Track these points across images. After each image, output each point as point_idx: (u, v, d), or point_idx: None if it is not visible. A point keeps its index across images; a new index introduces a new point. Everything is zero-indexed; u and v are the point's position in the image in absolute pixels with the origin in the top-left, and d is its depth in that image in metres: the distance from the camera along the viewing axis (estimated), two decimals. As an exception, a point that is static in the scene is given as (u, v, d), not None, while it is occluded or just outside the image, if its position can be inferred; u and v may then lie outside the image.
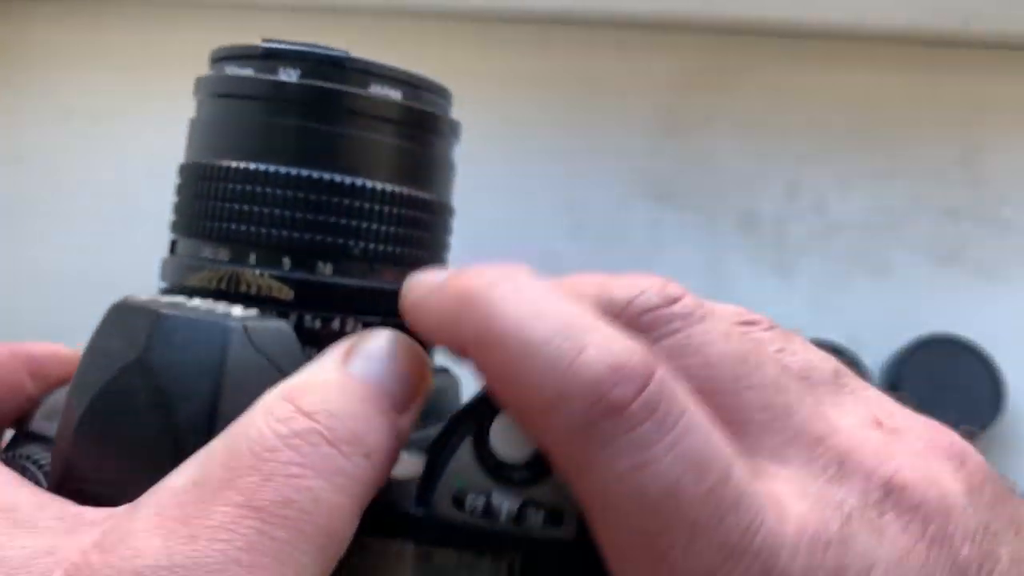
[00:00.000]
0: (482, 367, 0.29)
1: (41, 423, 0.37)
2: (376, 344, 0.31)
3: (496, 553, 0.32)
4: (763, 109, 0.72)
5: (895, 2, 0.72)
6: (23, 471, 0.33)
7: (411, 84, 0.38)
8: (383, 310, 0.36)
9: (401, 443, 0.30)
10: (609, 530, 0.27)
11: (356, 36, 0.42)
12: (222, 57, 0.38)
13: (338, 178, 0.35)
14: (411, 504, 0.32)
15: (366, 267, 0.36)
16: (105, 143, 0.76)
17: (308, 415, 0.27)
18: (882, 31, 0.74)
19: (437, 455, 0.32)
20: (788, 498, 0.26)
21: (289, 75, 0.36)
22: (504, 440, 0.32)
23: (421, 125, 0.38)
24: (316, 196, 0.35)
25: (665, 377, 0.27)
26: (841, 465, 0.27)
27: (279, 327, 0.33)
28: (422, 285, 0.33)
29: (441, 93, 0.40)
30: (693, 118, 0.74)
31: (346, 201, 0.35)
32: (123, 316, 0.32)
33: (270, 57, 0.36)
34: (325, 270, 0.35)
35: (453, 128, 0.41)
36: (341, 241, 0.35)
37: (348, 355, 0.30)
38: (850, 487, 0.27)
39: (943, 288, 0.71)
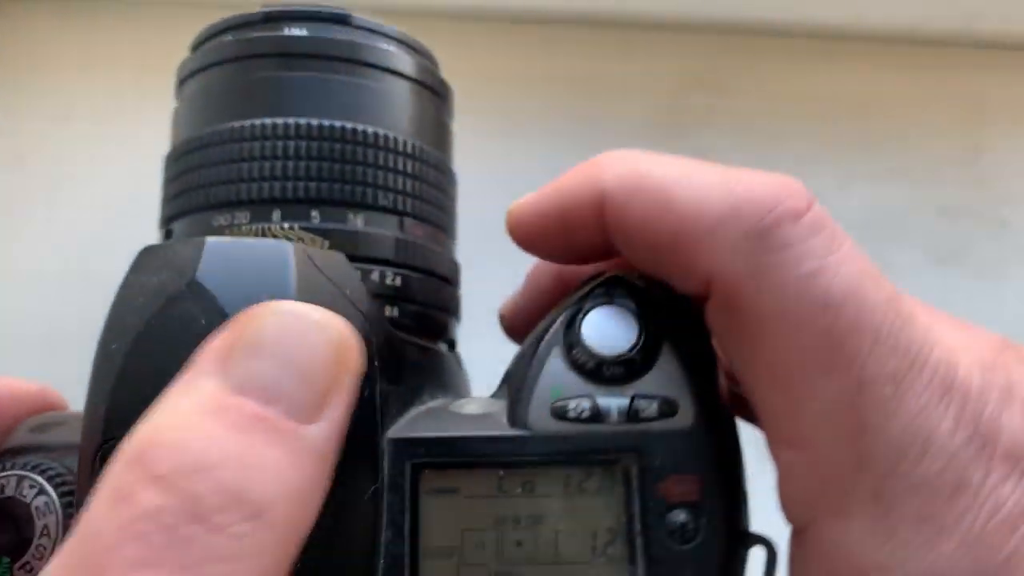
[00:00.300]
0: (629, 208, 0.29)
1: (27, 435, 0.34)
2: (264, 332, 0.23)
3: (608, 462, 0.31)
4: (763, 109, 0.72)
5: (895, 2, 0.72)
6: (19, 482, 0.30)
7: (414, 47, 0.38)
8: (420, 266, 0.35)
9: (325, 459, 0.24)
10: (789, 339, 0.27)
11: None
12: (211, 35, 0.37)
13: (361, 127, 0.35)
14: (502, 429, 0.31)
15: (396, 221, 0.35)
16: (105, 143, 0.76)
17: (159, 482, 0.20)
18: (882, 31, 0.75)
19: (523, 373, 0.31)
20: (943, 328, 0.28)
21: (298, 30, 0.35)
22: (600, 334, 0.31)
23: (432, 87, 0.38)
24: (341, 146, 0.34)
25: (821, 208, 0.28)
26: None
27: (333, 252, 0.31)
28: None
29: (434, 60, 0.39)
30: (693, 118, 0.74)
31: (371, 152, 0.35)
32: (160, 252, 0.29)
33: (272, 20, 0.35)
34: (357, 221, 0.34)
35: (452, 96, 0.40)
36: (371, 192, 0.34)
37: (226, 357, 0.23)
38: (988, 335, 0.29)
39: (943, 287, 0.72)
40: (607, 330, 0.32)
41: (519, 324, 0.38)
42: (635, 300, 0.32)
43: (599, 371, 0.31)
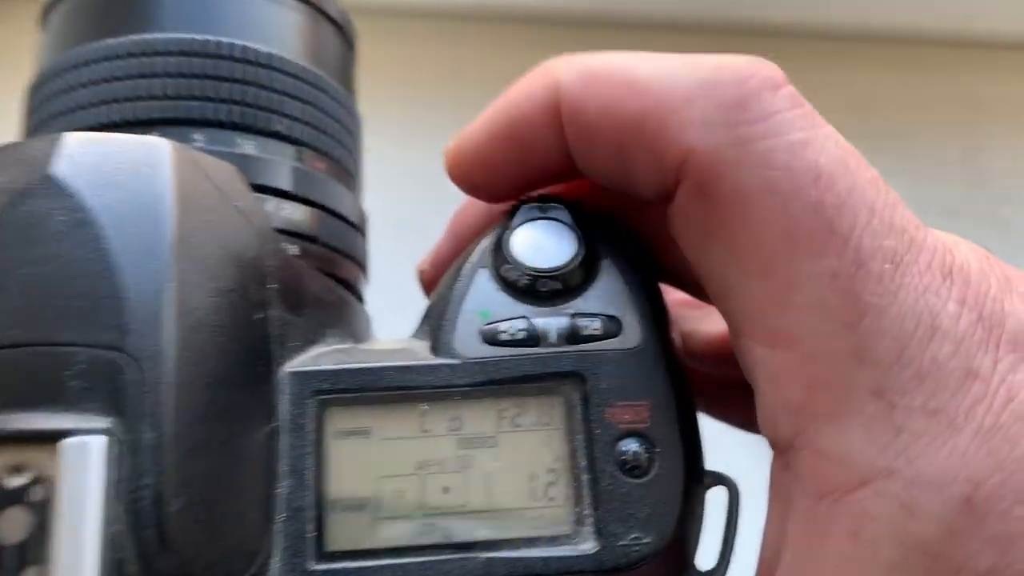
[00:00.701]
0: (590, 98, 0.26)
1: None
2: None
3: (547, 389, 0.26)
4: None
5: (895, 2, 0.72)
6: None
7: None
8: (322, 203, 0.31)
9: None
10: (775, 216, 0.24)
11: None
12: None
13: (253, 45, 0.31)
14: (424, 360, 0.27)
15: (293, 152, 0.31)
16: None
17: None
18: (882, 31, 0.75)
19: (446, 299, 0.27)
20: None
21: None
22: (534, 248, 0.27)
23: (335, 20, 0.34)
24: (229, 64, 0.30)
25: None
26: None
27: (225, 164, 0.27)
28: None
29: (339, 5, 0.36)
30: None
31: (264, 73, 0.31)
32: (12, 149, 0.25)
33: None
34: (247, 146, 0.30)
35: (356, 42, 0.37)
36: (263, 116, 0.30)
37: None
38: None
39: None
40: (541, 244, 0.28)
41: (440, 275, 0.34)
42: (572, 213, 0.28)
43: (534, 288, 0.27)
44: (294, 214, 0.30)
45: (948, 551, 0.22)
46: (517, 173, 0.29)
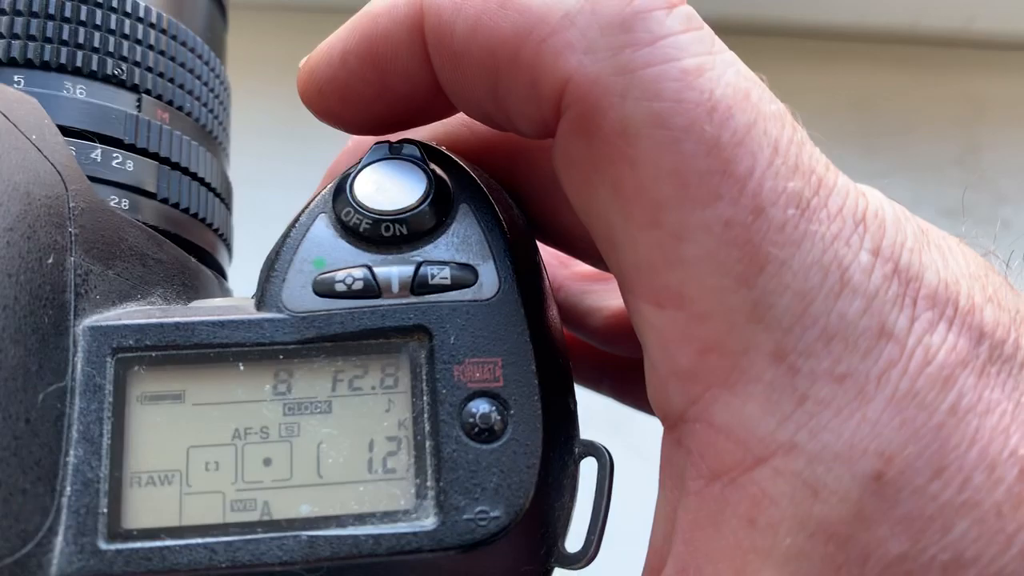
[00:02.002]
0: (457, 18, 0.23)
1: None
2: None
3: (388, 347, 0.23)
4: None
5: (895, 2, 0.71)
6: None
7: None
8: (163, 155, 0.28)
9: None
10: (664, 154, 0.20)
11: None
12: None
13: None
14: (246, 314, 0.23)
15: (132, 99, 0.28)
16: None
17: None
18: (882, 31, 0.74)
19: (278, 249, 0.24)
20: None
21: None
22: (377, 188, 0.24)
23: None
24: (61, 2, 0.27)
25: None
26: None
27: (26, 96, 0.24)
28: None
29: None
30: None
31: (98, 12, 0.28)
32: None
33: None
34: (75, 90, 0.27)
35: (227, 6, 0.34)
36: (95, 58, 0.27)
37: None
38: None
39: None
40: (388, 184, 0.25)
41: None
42: (425, 152, 0.25)
43: (376, 232, 0.24)
44: (126, 164, 0.27)
45: (855, 536, 0.19)
46: (379, 102, 0.25)
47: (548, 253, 0.30)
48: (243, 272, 0.30)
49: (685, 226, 0.20)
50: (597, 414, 0.32)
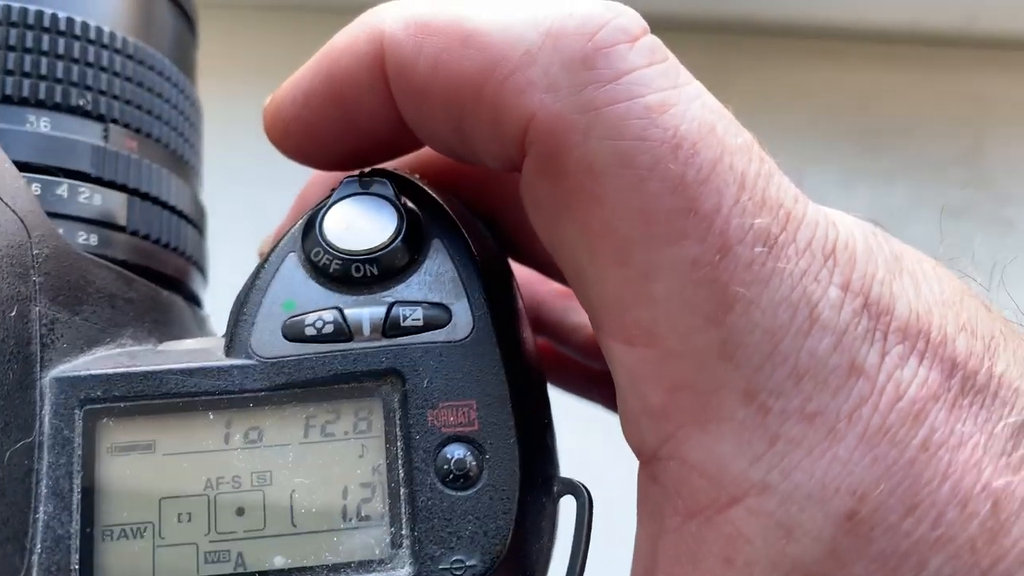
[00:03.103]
0: (419, 56, 0.22)
1: None
2: None
3: (360, 392, 0.23)
4: (764, 108, 0.69)
5: (897, 2, 0.71)
6: None
7: None
8: (132, 186, 0.27)
9: None
10: (629, 194, 0.20)
11: None
12: None
13: (49, 11, 0.27)
14: (215, 361, 0.23)
15: (98, 129, 0.27)
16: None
17: None
18: (884, 30, 0.73)
19: (247, 290, 0.24)
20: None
21: None
22: (348, 227, 0.24)
23: None
24: (20, 31, 0.26)
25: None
26: None
27: None
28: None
29: None
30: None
31: (61, 41, 0.27)
32: None
33: None
34: (40, 124, 0.26)
35: (196, 19, 0.33)
36: (59, 89, 0.27)
37: None
38: None
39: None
40: (358, 222, 0.24)
41: None
42: (396, 186, 0.25)
43: (346, 273, 0.23)
44: (93, 199, 0.26)
45: (830, 575, 0.19)
46: (345, 139, 0.25)
47: (528, 269, 0.30)
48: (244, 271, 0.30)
49: (653, 265, 0.20)
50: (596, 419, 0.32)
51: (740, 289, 0.20)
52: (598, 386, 0.35)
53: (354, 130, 0.25)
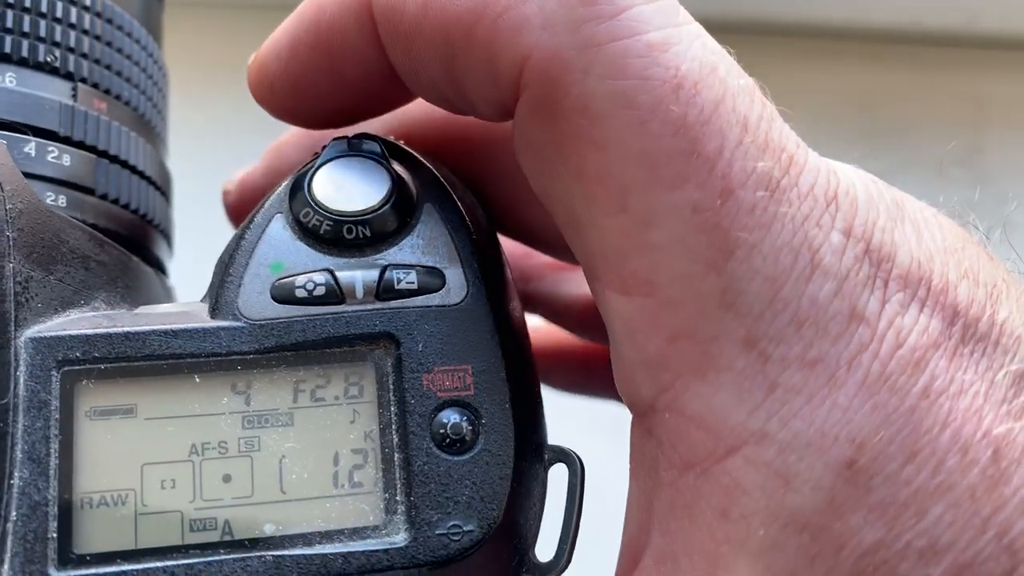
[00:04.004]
0: None
1: None
2: None
3: (353, 355, 0.22)
4: None
5: (897, 1, 0.71)
6: None
7: None
8: (101, 148, 0.26)
9: None
10: (629, 136, 0.20)
11: None
12: None
13: None
14: (200, 323, 0.22)
15: (67, 88, 0.26)
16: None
17: None
18: (883, 30, 0.73)
19: (232, 251, 0.23)
20: None
21: None
22: (338, 188, 0.23)
23: None
24: None
25: None
26: None
27: None
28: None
29: None
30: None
31: None
32: None
33: None
34: (4, 79, 0.25)
35: None
36: (26, 44, 0.25)
37: None
38: None
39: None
40: (348, 183, 0.23)
41: (249, 203, 0.29)
42: (387, 149, 0.24)
43: (338, 235, 0.23)
44: (61, 158, 0.25)
45: (829, 525, 0.19)
46: (334, 93, 0.24)
47: (514, 243, 0.29)
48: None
49: (652, 211, 0.20)
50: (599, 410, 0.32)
51: (742, 234, 0.19)
52: (594, 375, 0.34)
53: (342, 83, 0.24)
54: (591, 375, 0.34)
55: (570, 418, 0.33)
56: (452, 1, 0.21)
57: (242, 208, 0.29)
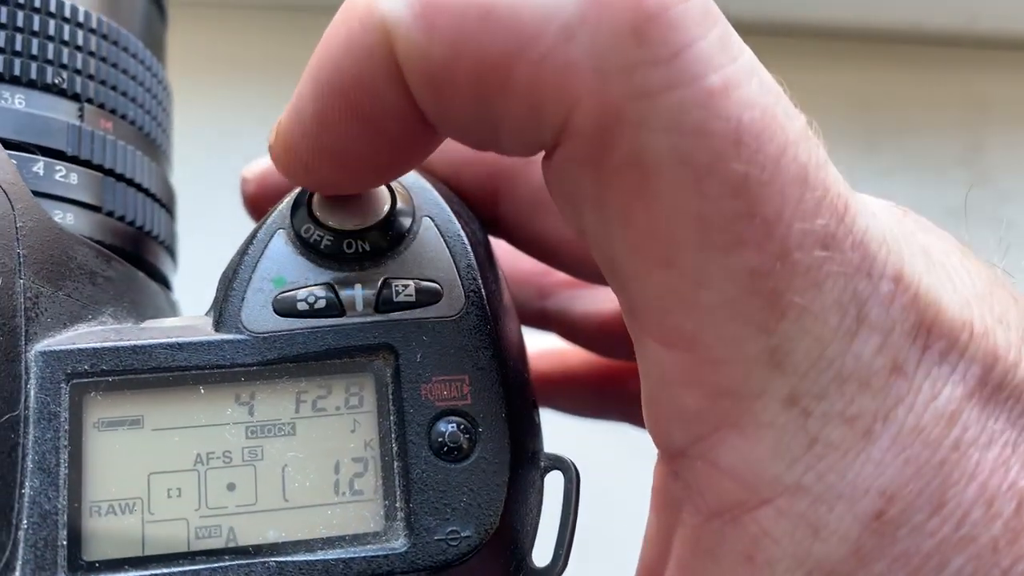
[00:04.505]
0: (433, 40, 0.19)
1: None
2: None
3: (353, 366, 0.23)
4: None
5: (897, 1, 0.71)
6: None
7: None
8: (107, 166, 0.27)
9: None
10: (685, 194, 0.18)
11: None
12: None
13: None
14: (205, 336, 0.23)
15: (74, 108, 0.27)
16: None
17: None
18: (883, 30, 0.74)
19: (235, 265, 0.24)
20: None
21: None
22: (339, 205, 0.24)
23: None
24: None
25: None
26: None
27: None
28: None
29: None
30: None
31: (36, 18, 0.26)
32: None
33: None
34: (15, 100, 0.26)
35: (165, 3, 0.33)
36: (35, 66, 0.26)
37: None
38: None
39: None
40: (348, 199, 0.24)
41: (267, 198, 0.27)
42: None
43: (338, 249, 0.23)
44: (69, 177, 0.26)
45: (852, 574, 0.19)
46: (373, 152, 0.22)
47: (530, 260, 0.30)
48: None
49: (704, 272, 0.19)
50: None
51: (795, 298, 0.19)
52: (603, 399, 0.34)
53: (382, 140, 0.22)
54: (601, 399, 0.34)
55: (566, 425, 0.33)
56: (485, 43, 0.19)
57: (260, 200, 0.29)
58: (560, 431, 0.29)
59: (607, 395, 0.34)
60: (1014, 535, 0.18)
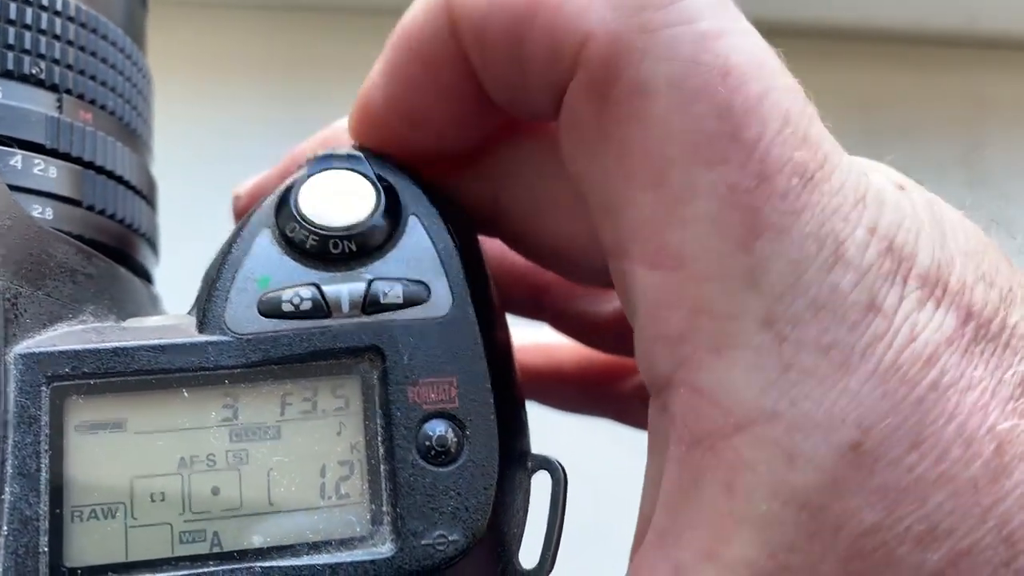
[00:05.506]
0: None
1: None
2: None
3: (339, 368, 0.23)
4: None
5: (897, 1, 0.71)
6: None
7: None
8: (87, 159, 0.26)
9: None
10: (676, 116, 0.21)
11: (355, 35, 0.38)
12: None
13: None
14: (188, 337, 0.22)
15: (52, 99, 0.26)
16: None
17: None
18: (884, 30, 0.74)
19: (218, 265, 0.23)
20: None
21: None
22: (325, 203, 0.23)
23: None
24: None
25: None
26: None
27: None
28: None
29: None
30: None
31: (11, 4, 0.26)
32: None
33: None
34: None
35: None
36: (10, 55, 0.26)
37: None
38: None
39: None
40: (333, 197, 0.24)
41: None
42: (374, 162, 0.24)
43: (324, 249, 0.23)
44: (48, 171, 0.25)
45: (829, 505, 0.19)
46: (432, 107, 0.25)
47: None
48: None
49: (690, 186, 0.21)
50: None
51: (773, 217, 0.20)
52: (591, 394, 0.35)
53: (440, 93, 0.24)
54: (589, 396, 0.35)
55: (555, 424, 0.33)
56: None
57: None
58: (548, 427, 0.29)
59: (595, 392, 0.34)
60: (994, 475, 0.19)
